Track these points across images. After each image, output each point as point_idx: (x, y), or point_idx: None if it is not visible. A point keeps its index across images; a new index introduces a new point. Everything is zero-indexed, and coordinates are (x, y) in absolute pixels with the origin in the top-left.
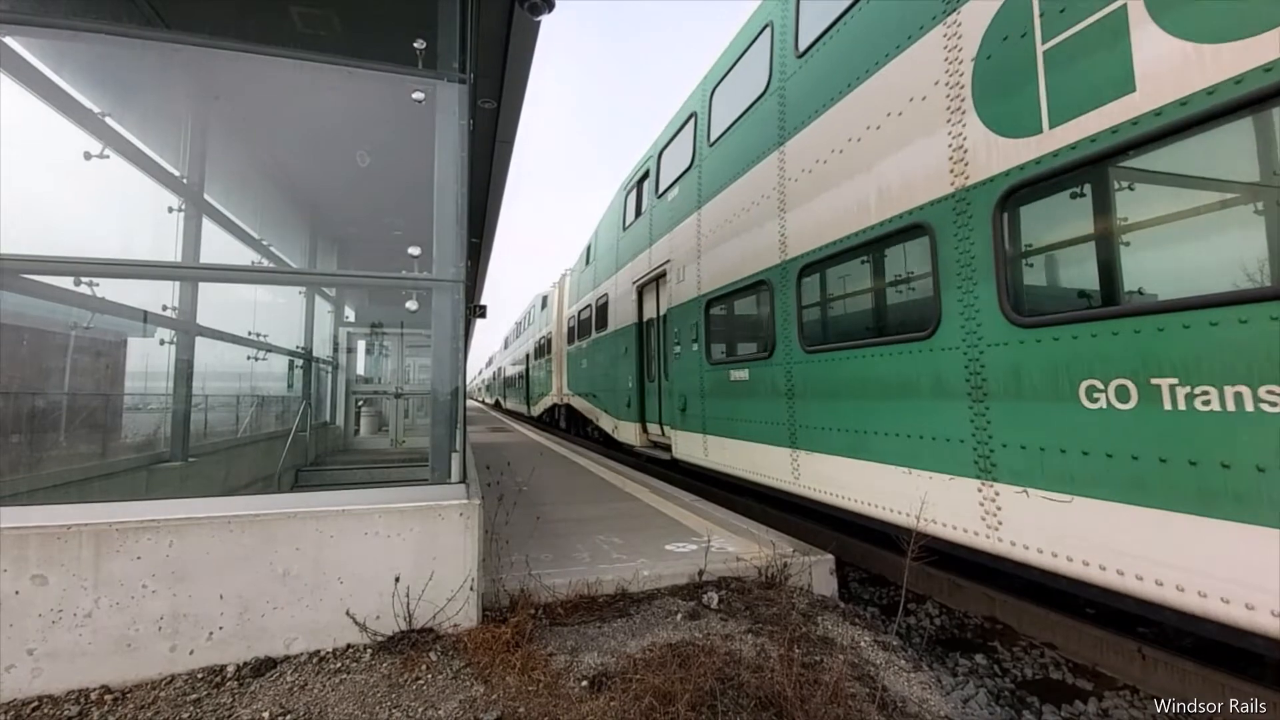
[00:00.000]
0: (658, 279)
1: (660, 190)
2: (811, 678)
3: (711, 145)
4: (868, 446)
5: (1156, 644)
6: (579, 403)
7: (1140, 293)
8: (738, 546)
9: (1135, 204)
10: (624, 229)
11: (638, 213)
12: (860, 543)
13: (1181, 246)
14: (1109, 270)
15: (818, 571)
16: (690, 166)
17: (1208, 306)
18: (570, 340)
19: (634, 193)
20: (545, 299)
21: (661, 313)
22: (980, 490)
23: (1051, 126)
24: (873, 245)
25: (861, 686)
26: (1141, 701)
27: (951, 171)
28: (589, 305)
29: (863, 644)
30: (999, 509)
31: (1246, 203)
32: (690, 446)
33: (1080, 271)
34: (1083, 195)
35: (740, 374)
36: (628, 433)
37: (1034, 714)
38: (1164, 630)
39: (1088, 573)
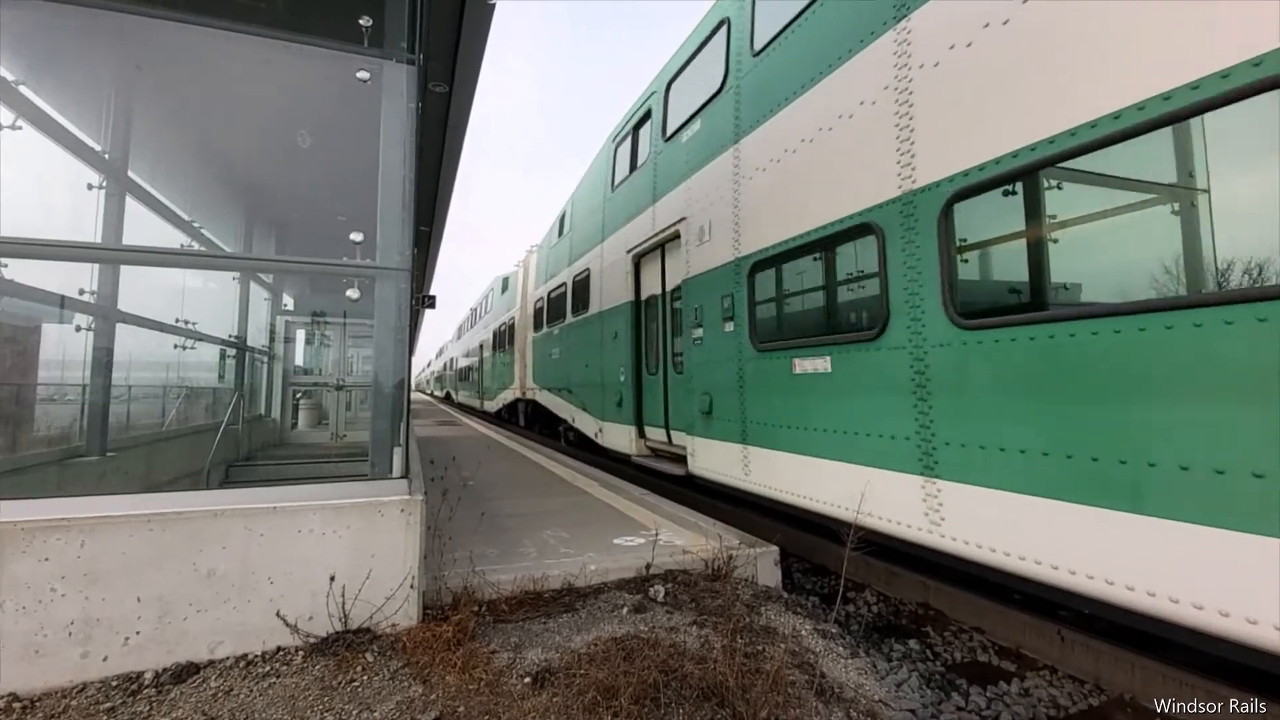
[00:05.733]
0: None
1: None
2: (753, 667)
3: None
4: None
5: (1074, 626)
6: (546, 398)
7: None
8: (685, 540)
9: None
10: (613, 189)
11: (633, 166)
12: (805, 534)
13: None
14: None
15: (763, 563)
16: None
17: None
18: (537, 326)
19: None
20: (506, 280)
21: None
22: None
23: None
24: None
25: (801, 674)
26: (1060, 680)
27: None
28: (563, 284)
29: (803, 633)
30: None
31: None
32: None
33: None
34: None
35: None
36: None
37: (961, 695)
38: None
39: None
